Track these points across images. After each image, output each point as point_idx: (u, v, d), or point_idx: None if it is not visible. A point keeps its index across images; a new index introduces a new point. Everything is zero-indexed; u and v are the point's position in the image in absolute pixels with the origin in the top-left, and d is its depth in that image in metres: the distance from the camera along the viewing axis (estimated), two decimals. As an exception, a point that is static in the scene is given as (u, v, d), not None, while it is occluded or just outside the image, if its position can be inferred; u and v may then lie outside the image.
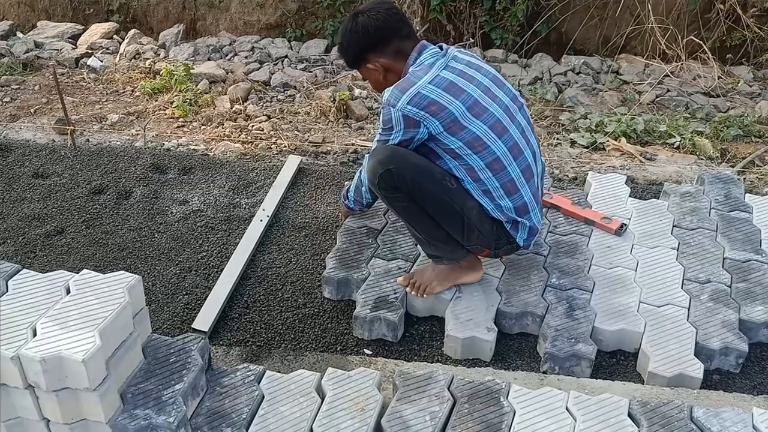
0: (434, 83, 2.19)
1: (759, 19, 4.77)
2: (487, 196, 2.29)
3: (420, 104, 2.17)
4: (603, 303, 2.42)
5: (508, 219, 2.33)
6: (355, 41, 2.32)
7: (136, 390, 1.80)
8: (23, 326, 1.67)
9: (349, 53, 2.38)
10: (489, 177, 2.26)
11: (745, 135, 3.96)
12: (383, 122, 2.27)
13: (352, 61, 2.40)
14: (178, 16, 5.97)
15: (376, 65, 2.34)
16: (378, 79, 2.38)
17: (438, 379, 2.00)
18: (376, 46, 2.31)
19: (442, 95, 2.18)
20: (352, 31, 2.32)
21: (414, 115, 2.18)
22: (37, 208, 3.12)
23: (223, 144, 3.69)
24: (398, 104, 2.18)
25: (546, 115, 4.20)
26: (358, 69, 2.43)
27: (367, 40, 2.31)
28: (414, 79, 2.21)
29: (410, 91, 2.18)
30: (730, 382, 2.25)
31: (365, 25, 2.29)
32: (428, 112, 2.17)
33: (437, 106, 2.17)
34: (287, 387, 1.97)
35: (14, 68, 4.72)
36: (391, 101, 2.20)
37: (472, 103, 2.21)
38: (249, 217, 3.04)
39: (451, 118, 2.18)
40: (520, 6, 5.00)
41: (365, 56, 2.34)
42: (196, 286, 2.66)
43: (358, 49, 2.34)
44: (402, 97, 2.18)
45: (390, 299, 2.42)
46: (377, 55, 2.32)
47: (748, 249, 2.68)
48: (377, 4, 2.32)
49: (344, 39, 2.36)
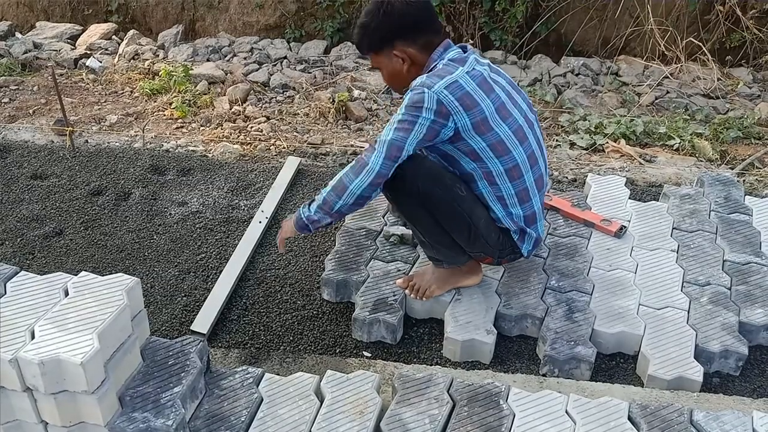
0: (471, 75, 2.11)
1: (758, 20, 4.77)
2: (500, 203, 2.25)
3: (456, 93, 2.07)
4: (602, 305, 2.41)
5: (517, 228, 2.31)
6: (387, 24, 2.17)
7: (135, 393, 1.79)
8: (21, 329, 1.67)
9: (375, 35, 2.20)
10: (506, 183, 2.22)
11: (744, 137, 3.96)
12: (411, 101, 2.08)
13: (376, 44, 2.22)
14: (177, 16, 5.97)
15: (402, 54, 2.20)
16: (398, 69, 2.23)
17: (437, 382, 1.99)
18: (408, 33, 2.18)
19: (476, 90, 2.10)
20: (387, 13, 2.15)
21: (448, 103, 2.06)
22: (36, 210, 3.11)
23: (222, 145, 3.69)
24: (435, 87, 2.06)
25: (545, 117, 4.20)
26: (376, 54, 2.25)
27: (402, 26, 2.17)
28: (450, 68, 2.11)
29: (447, 78, 2.07)
30: (730, 385, 2.24)
31: (401, 10, 2.15)
32: (462, 104, 2.07)
33: (471, 100, 2.09)
34: (286, 390, 1.97)
35: (13, 69, 4.72)
36: (426, 83, 2.07)
37: (500, 105, 2.16)
38: (248, 219, 3.04)
39: (482, 116, 2.11)
40: (519, 7, 5.00)
41: (393, 42, 2.19)
42: (194, 288, 2.65)
43: (388, 32, 2.18)
44: (439, 81, 2.07)
45: (389, 301, 2.42)
46: (406, 44, 2.19)
47: (747, 251, 2.68)
48: None
49: (372, 19, 2.18)
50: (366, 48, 2.26)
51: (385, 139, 2.10)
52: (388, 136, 2.09)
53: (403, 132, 2.08)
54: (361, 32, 2.24)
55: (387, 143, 2.09)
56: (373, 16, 2.17)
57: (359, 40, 2.26)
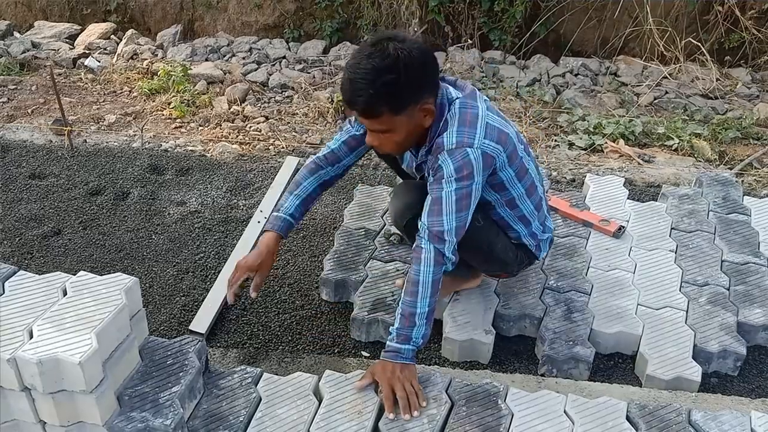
0: (489, 109, 1.99)
1: (757, 21, 4.77)
2: (522, 222, 2.20)
3: (493, 135, 1.92)
4: (601, 305, 2.41)
5: (537, 242, 2.28)
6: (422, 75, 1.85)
7: (133, 392, 1.79)
8: (20, 328, 1.67)
9: (411, 89, 1.85)
10: (525, 203, 2.15)
11: (743, 137, 3.97)
12: (457, 169, 1.88)
13: (408, 100, 1.87)
14: (175, 16, 5.96)
15: (430, 107, 1.91)
16: (419, 126, 1.95)
17: (436, 382, 1.99)
18: (436, 83, 1.92)
19: (500, 121, 1.99)
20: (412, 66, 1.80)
21: (492, 150, 1.92)
22: (34, 209, 3.11)
23: (221, 145, 3.69)
24: (475, 142, 1.89)
25: (544, 117, 4.20)
26: (400, 113, 1.88)
27: (435, 76, 1.90)
28: (471, 109, 1.94)
29: (479, 124, 1.91)
30: (728, 385, 2.25)
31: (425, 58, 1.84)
32: (500, 143, 1.94)
33: (503, 133, 1.96)
34: (284, 389, 1.96)
35: (11, 68, 4.71)
36: (465, 141, 1.88)
37: (514, 129, 2.06)
38: (246, 219, 3.04)
39: (512, 145, 2.00)
40: (518, 7, 5.01)
41: (420, 97, 1.88)
42: (193, 288, 2.65)
43: (423, 85, 1.87)
44: (476, 132, 1.90)
45: (388, 301, 2.42)
46: (432, 96, 1.91)
47: (746, 251, 2.68)
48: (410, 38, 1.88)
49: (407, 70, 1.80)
50: (388, 108, 1.87)
51: (451, 228, 1.92)
52: (452, 223, 1.91)
53: (465, 209, 1.93)
54: (387, 89, 1.82)
55: (454, 231, 1.92)
56: (404, 68, 1.80)
57: (379, 99, 1.84)
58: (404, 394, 1.88)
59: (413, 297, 1.93)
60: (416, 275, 1.93)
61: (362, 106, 1.88)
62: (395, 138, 1.97)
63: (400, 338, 1.94)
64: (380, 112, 1.87)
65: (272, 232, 2.18)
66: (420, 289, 1.92)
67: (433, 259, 1.92)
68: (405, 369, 1.93)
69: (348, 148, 2.24)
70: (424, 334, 1.95)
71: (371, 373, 1.96)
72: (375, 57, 1.81)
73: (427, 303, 1.93)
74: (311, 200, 2.27)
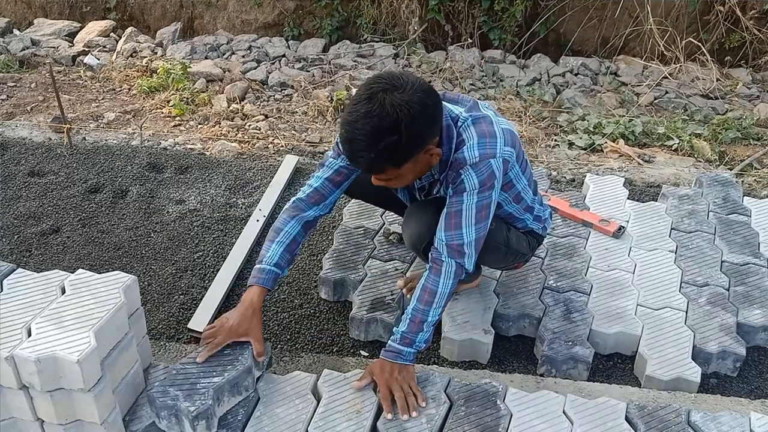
0: (495, 114, 1.99)
1: (758, 21, 4.77)
2: (528, 212, 2.23)
3: (509, 140, 1.93)
4: (600, 306, 2.41)
5: (542, 223, 2.30)
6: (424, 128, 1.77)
7: (183, 369, 1.83)
8: (18, 326, 1.66)
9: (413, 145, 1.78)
10: (528, 192, 2.17)
11: (743, 137, 3.97)
12: (482, 182, 1.87)
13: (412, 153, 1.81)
14: (175, 14, 5.96)
15: (435, 149, 1.86)
16: (426, 166, 1.91)
17: (434, 381, 1.99)
18: (436, 128, 1.85)
19: (508, 123, 2.00)
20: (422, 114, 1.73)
21: (509, 155, 1.92)
22: (33, 207, 3.10)
23: (220, 143, 3.68)
24: (497, 151, 1.89)
25: (544, 117, 4.19)
26: (407, 163, 1.82)
27: (437, 124, 1.84)
28: (485, 119, 1.92)
29: (497, 131, 1.91)
30: (727, 386, 2.24)
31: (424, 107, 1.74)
32: (513, 146, 1.96)
33: (514, 135, 1.97)
34: (283, 388, 1.96)
35: (10, 66, 4.70)
36: (488, 152, 1.87)
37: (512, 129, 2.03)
38: (245, 217, 3.03)
39: (518, 146, 2.01)
40: (518, 7, 5.00)
41: (427, 144, 1.83)
42: (192, 286, 2.64)
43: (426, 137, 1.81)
44: (496, 141, 1.89)
45: (387, 300, 2.41)
46: (435, 137, 1.86)
47: (746, 252, 2.68)
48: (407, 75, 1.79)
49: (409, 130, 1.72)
50: (393, 165, 1.82)
51: (470, 241, 1.92)
52: (472, 235, 1.91)
53: (484, 219, 1.92)
54: (388, 152, 1.76)
55: (474, 244, 1.93)
56: (405, 126, 1.72)
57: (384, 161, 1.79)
58: (402, 395, 1.88)
59: (427, 306, 1.93)
60: (434, 285, 1.94)
61: (364, 167, 1.86)
62: (402, 183, 1.98)
63: (404, 341, 1.93)
64: (384, 170, 1.84)
65: (257, 287, 2.00)
66: (436, 300, 1.93)
67: (453, 272, 1.94)
68: (404, 370, 1.93)
69: (333, 184, 2.09)
70: (427, 339, 1.96)
71: (370, 372, 1.96)
72: (373, 116, 1.71)
73: (439, 312, 1.95)
74: (296, 245, 2.07)
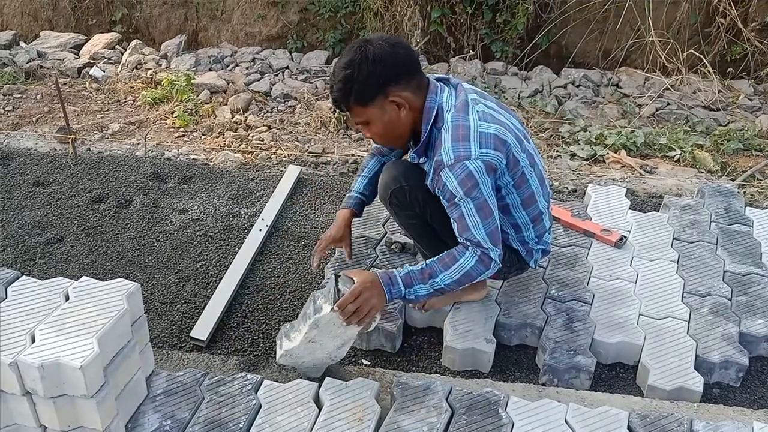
0: (483, 119, 1.98)
1: (759, 33, 4.80)
2: (514, 229, 2.22)
3: (489, 143, 1.94)
4: (602, 315, 2.41)
5: (527, 249, 2.29)
6: (380, 69, 1.93)
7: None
8: (22, 332, 1.67)
9: (366, 84, 1.95)
10: (520, 212, 2.17)
11: (745, 149, 3.97)
12: (461, 183, 1.93)
13: (367, 94, 1.97)
14: (180, 27, 6.01)
15: (399, 98, 1.98)
16: (394, 118, 2.02)
17: (436, 390, 1.99)
18: (401, 76, 1.98)
19: (497, 128, 1.98)
20: (375, 59, 1.92)
21: (492, 158, 1.95)
22: (38, 216, 3.12)
23: (224, 153, 3.70)
24: (472, 153, 1.92)
25: (546, 128, 4.21)
26: (364, 106, 2.00)
27: (395, 68, 1.96)
28: (463, 122, 1.96)
29: (473, 135, 1.93)
30: (730, 396, 2.24)
31: (391, 53, 1.94)
32: (498, 150, 1.96)
33: (500, 141, 1.97)
34: (285, 396, 1.96)
35: (17, 77, 4.74)
36: (462, 155, 1.92)
37: (515, 135, 2.04)
38: (248, 227, 3.04)
39: (511, 151, 2.00)
40: (520, 19, 5.03)
41: (386, 89, 1.97)
42: (194, 295, 2.65)
43: (382, 79, 1.95)
44: (470, 144, 1.93)
45: (389, 309, 2.42)
46: (400, 88, 1.98)
47: (748, 262, 2.68)
48: (386, 37, 2.00)
49: (359, 68, 1.93)
50: (354, 101, 2.00)
51: (483, 236, 1.98)
52: (482, 231, 1.98)
53: (488, 215, 1.98)
54: (345, 85, 1.97)
55: (488, 239, 1.99)
56: (359, 64, 1.93)
57: (342, 94, 1.99)
58: (358, 309, 1.95)
59: (444, 268, 2.01)
60: (458, 255, 2.01)
61: (333, 101, 2.06)
62: (375, 130, 2.06)
63: (406, 278, 2.01)
64: (348, 106, 2.02)
65: (346, 209, 2.44)
66: (454, 267, 2.00)
67: (477, 256, 2.00)
68: (380, 297, 1.99)
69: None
70: (421, 296, 2.03)
71: (359, 274, 2.02)
72: (343, 56, 1.99)
73: (447, 282, 2.01)
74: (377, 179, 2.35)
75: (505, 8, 5.09)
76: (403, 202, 2.22)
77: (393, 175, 2.21)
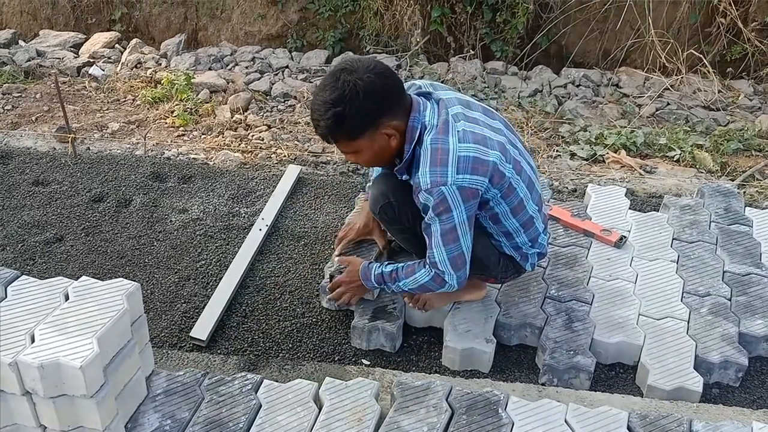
0: (463, 140, 1.96)
1: (760, 33, 4.79)
2: (505, 237, 2.22)
3: (467, 168, 1.94)
4: (602, 315, 2.41)
5: (522, 254, 2.28)
6: (371, 105, 1.91)
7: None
8: (21, 332, 1.67)
9: (359, 119, 1.93)
10: (510, 220, 2.16)
11: (745, 149, 3.97)
12: (435, 207, 1.95)
13: (361, 128, 1.95)
14: (179, 26, 5.99)
15: (389, 129, 1.97)
16: (386, 146, 2.01)
17: (436, 390, 1.99)
18: (392, 107, 1.96)
19: (477, 149, 1.97)
20: (366, 92, 1.88)
21: (469, 184, 1.94)
22: (37, 216, 3.12)
23: (223, 153, 3.70)
24: (448, 179, 1.92)
25: (546, 128, 4.21)
26: (358, 139, 1.98)
27: (386, 101, 1.94)
28: (442, 145, 1.95)
29: (450, 160, 1.93)
30: (729, 396, 2.24)
31: (379, 84, 1.91)
32: (477, 173, 1.95)
33: (480, 162, 1.96)
34: (285, 396, 1.96)
35: (16, 76, 4.73)
36: (438, 180, 1.92)
37: (499, 147, 2.03)
38: (248, 226, 3.04)
39: (494, 168, 1.99)
40: (520, 19, 5.03)
41: (378, 122, 1.95)
42: (194, 295, 2.65)
43: (373, 114, 1.93)
44: (447, 170, 1.92)
45: (388, 309, 2.42)
46: (391, 118, 1.97)
47: (748, 262, 2.68)
48: (370, 66, 1.94)
49: (351, 103, 1.89)
50: (345, 137, 1.98)
51: (442, 259, 2.03)
52: (443, 255, 2.03)
53: (452, 242, 2.01)
54: (335, 122, 1.92)
55: (447, 262, 2.04)
56: (349, 101, 1.89)
57: (331, 131, 1.96)
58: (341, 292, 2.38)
59: (406, 276, 2.17)
60: (418, 270, 2.14)
61: (320, 134, 2.02)
62: (363, 158, 2.08)
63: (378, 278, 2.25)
64: (336, 140, 2.01)
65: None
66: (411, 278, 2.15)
67: (432, 274, 2.11)
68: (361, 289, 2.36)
69: None
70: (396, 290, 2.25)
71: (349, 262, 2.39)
72: (327, 90, 1.92)
73: (407, 288, 2.19)
74: None
75: (505, 8, 5.08)
76: (392, 217, 2.25)
77: (381, 190, 2.22)
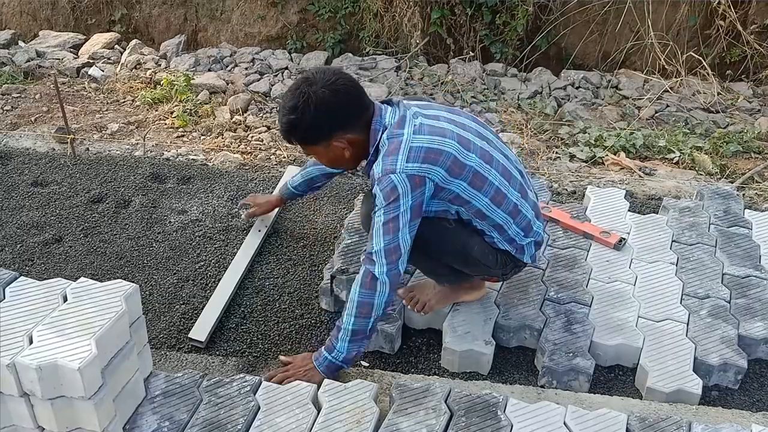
0: (418, 132, 2.01)
1: (759, 35, 4.79)
2: (497, 230, 2.20)
3: (418, 157, 1.97)
4: (601, 317, 2.41)
5: (517, 247, 2.27)
6: (322, 119, 2.00)
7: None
8: (20, 333, 1.67)
9: (311, 131, 2.04)
10: (495, 212, 2.15)
11: (744, 151, 3.97)
12: (385, 196, 1.98)
13: (313, 138, 2.07)
14: (179, 27, 5.99)
15: (342, 142, 2.06)
16: (339, 155, 2.11)
17: (435, 392, 1.98)
18: (345, 121, 2.04)
19: (432, 140, 2.00)
20: (317, 108, 1.98)
21: (417, 171, 1.97)
22: (36, 216, 3.12)
23: (223, 154, 3.70)
24: (397, 167, 1.96)
25: (545, 129, 4.21)
26: (313, 145, 2.10)
27: (338, 117, 2.02)
28: (396, 138, 2.01)
29: (402, 149, 1.98)
30: (728, 399, 2.24)
31: (332, 102, 1.99)
32: (428, 162, 1.98)
33: (434, 151, 1.99)
34: (283, 398, 1.96)
35: (15, 77, 4.73)
36: (388, 169, 1.97)
37: (459, 138, 2.06)
38: (247, 228, 3.04)
39: (451, 159, 2.01)
40: (520, 20, 5.03)
41: (330, 135, 2.05)
42: (193, 296, 2.65)
43: (325, 127, 2.03)
44: (397, 158, 1.97)
45: (387, 311, 2.41)
46: (344, 132, 2.05)
47: (747, 265, 2.68)
48: (329, 79, 2.00)
49: (301, 115, 1.99)
50: (300, 142, 2.11)
51: (379, 249, 2.01)
52: (380, 245, 2.01)
53: (391, 232, 2.00)
54: (289, 128, 2.06)
55: (382, 252, 2.01)
56: (301, 112, 1.99)
57: (287, 134, 2.09)
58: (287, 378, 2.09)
59: (344, 312, 2.08)
60: (351, 292, 2.08)
61: (283, 134, 2.13)
62: (322, 161, 2.21)
63: (326, 344, 2.12)
64: (292, 142, 2.14)
65: (280, 197, 2.92)
66: (348, 305, 2.07)
67: (360, 280, 2.05)
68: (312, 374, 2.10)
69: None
70: (347, 355, 2.08)
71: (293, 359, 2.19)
72: (288, 96, 2.04)
73: (352, 321, 2.05)
74: (314, 182, 2.75)
75: (504, 10, 5.09)
76: None
77: (371, 207, 2.15)
